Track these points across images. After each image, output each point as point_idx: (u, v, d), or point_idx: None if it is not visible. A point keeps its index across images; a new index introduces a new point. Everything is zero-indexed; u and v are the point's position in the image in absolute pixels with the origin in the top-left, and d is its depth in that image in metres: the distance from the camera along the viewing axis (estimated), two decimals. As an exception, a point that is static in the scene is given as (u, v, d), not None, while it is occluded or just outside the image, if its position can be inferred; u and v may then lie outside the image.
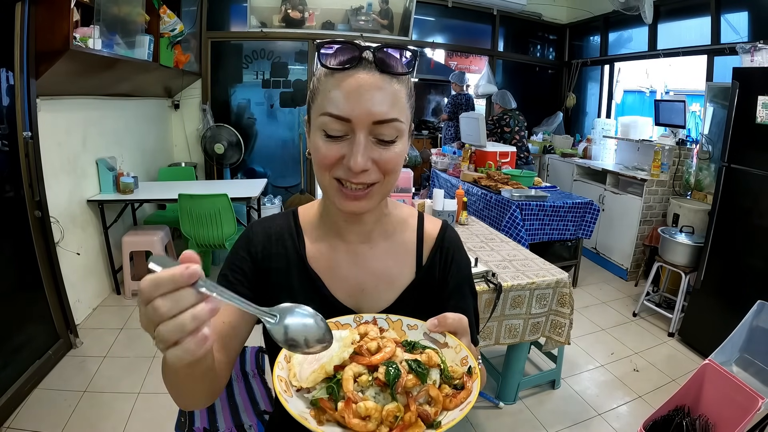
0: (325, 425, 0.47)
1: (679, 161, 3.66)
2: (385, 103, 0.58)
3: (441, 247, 0.77)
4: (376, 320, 0.61)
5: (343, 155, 0.59)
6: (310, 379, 0.50)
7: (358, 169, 0.58)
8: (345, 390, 0.48)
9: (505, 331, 1.91)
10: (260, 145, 4.83)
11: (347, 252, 0.73)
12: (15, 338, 2.08)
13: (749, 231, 2.44)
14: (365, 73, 0.58)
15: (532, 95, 5.77)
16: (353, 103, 0.57)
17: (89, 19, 2.39)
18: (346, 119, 0.57)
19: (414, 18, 4.64)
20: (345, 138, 0.59)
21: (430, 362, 0.52)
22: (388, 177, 0.62)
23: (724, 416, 1.63)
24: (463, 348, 0.55)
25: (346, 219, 0.71)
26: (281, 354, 0.53)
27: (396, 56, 0.60)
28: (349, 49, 0.59)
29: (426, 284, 0.75)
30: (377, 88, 0.58)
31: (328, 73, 0.60)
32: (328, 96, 0.59)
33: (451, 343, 0.57)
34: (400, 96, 0.60)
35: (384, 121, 0.58)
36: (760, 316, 1.85)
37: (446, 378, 0.52)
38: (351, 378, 0.49)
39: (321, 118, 0.59)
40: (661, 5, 4.10)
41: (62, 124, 2.59)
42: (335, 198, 0.63)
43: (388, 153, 0.60)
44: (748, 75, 2.44)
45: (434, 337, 0.58)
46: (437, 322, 0.56)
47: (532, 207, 3.13)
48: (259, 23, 4.36)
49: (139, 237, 3.05)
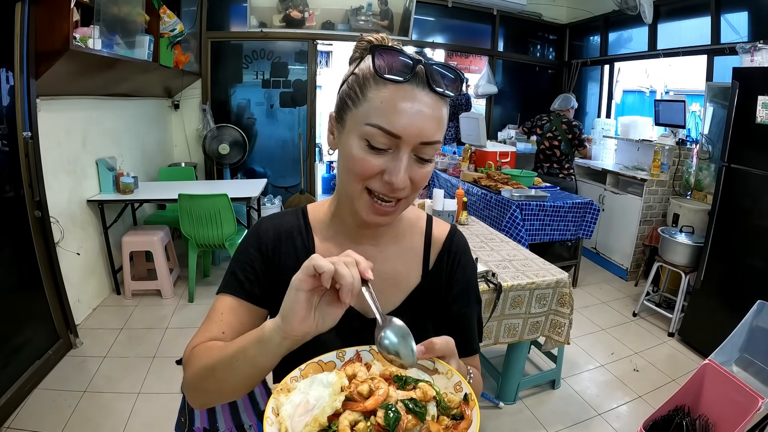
0: None
1: (679, 161, 3.66)
2: (433, 126, 0.59)
3: (449, 251, 0.76)
4: (359, 354, 0.59)
5: (383, 169, 0.59)
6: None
7: (401, 186, 0.59)
8: None
9: (505, 330, 1.91)
10: (260, 145, 4.83)
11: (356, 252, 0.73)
12: (15, 338, 2.08)
13: (749, 231, 2.44)
14: (419, 90, 0.58)
15: (532, 95, 5.77)
16: (406, 121, 0.57)
17: (89, 19, 2.39)
18: (397, 136, 0.57)
19: (414, 18, 4.64)
20: (388, 152, 0.59)
21: (425, 397, 0.51)
22: (415, 193, 0.64)
23: (724, 416, 1.63)
24: (455, 374, 0.54)
25: (360, 224, 0.70)
26: (268, 408, 0.51)
27: (446, 75, 0.60)
28: (405, 60, 0.58)
29: (432, 288, 0.75)
30: (430, 109, 0.58)
31: (380, 82, 0.58)
32: (378, 107, 0.58)
33: (441, 369, 0.56)
34: (444, 118, 0.61)
35: (430, 143, 0.59)
36: (760, 316, 1.85)
37: (443, 409, 0.51)
38: (348, 427, 0.47)
39: (367, 128, 0.58)
40: (661, 5, 4.10)
41: (62, 124, 2.59)
42: (363, 209, 0.63)
43: (423, 171, 0.61)
44: (748, 75, 2.44)
45: (423, 363, 0.57)
46: (424, 349, 0.56)
47: (532, 207, 3.13)
48: (259, 23, 4.36)
49: (139, 237, 3.05)
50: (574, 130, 3.81)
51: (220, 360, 0.59)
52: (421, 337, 0.57)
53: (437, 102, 0.59)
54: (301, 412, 0.49)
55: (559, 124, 3.86)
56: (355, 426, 0.47)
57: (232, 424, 1.28)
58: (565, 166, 3.97)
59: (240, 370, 0.56)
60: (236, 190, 3.20)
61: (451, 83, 0.60)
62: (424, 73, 0.58)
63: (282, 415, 0.49)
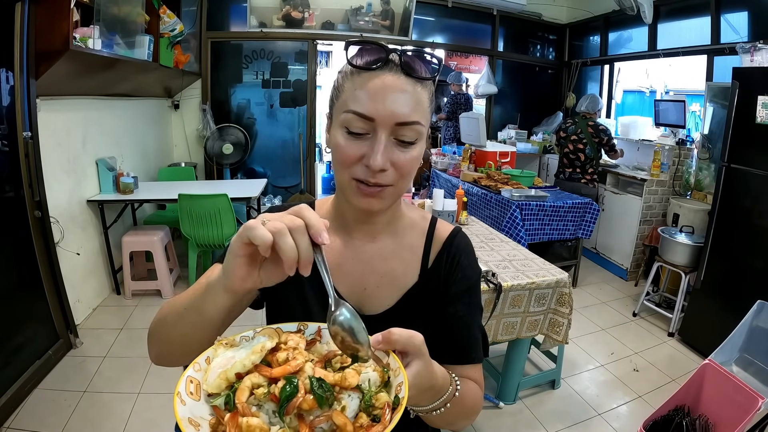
0: None
1: (679, 161, 3.66)
2: (408, 106, 0.59)
3: (448, 251, 0.75)
4: (320, 331, 0.55)
5: (363, 154, 0.60)
6: (214, 384, 0.46)
7: (377, 168, 0.59)
8: (237, 401, 0.44)
9: (503, 328, 1.91)
10: (260, 145, 4.83)
11: (353, 248, 0.73)
12: (15, 338, 2.08)
13: (749, 231, 2.44)
14: (391, 75, 0.59)
15: (532, 95, 5.78)
16: (378, 102, 0.58)
17: (89, 19, 2.39)
18: (370, 118, 0.58)
19: (414, 18, 4.64)
20: (366, 137, 0.60)
21: (344, 384, 0.46)
22: (403, 180, 0.63)
23: (724, 416, 1.63)
24: (402, 373, 0.47)
25: (357, 218, 0.71)
26: (201, 356, 0.49)
27: (421, 61, 0.61)
28: (376, 50, 0.60)
29: (429, 288, 0.74)
30: (402, 91, 0.59)
31: (354, 72, 0.61)
32: (353, 94, 0.60)
33: (392, 365, 0.49)
34: (423, 100, 0.62)
35: (406, 123, 0.59)
36: (760, 316, 1.85)
37: (366, 405, 0.46)
38: (247, 389, 0.45)
39: (344, 115, 0.60)
40: (661, 5, 4.10)
41: (62, 124, 2.59)
42: (351, 195, 0.64)
43: (406, 156, 0.61)
44: (748, 75, 2.44)
45: (378, 356, 0.51)
46: (381, 338, 0.50)
47: (532, 207, 3.13)
48: (259, 23, 4.36)
49: (139, 237, 3.05)
50: (601, 134, 3.56)
51: (172, 307, 0.60)
52: None
53: (413, 84, 0.60)
54: (222, 365, 0.48)
55: (585, 126, 3.62)
56: (256, 390, 0.45)
57: (232, 424, 1.27)
58: (588, 171, 3.70)
59: (187, 318, 0.56)
60: (236, 190, 3.20)
61: (427, 67, 0.62)
62: (399, 60, 0.60)
63: (211, 366, 0.48)
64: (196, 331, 0.56)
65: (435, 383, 0.56)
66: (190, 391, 0.45)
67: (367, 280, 0.73)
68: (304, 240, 0.45)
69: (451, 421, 0.66)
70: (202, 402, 0.45)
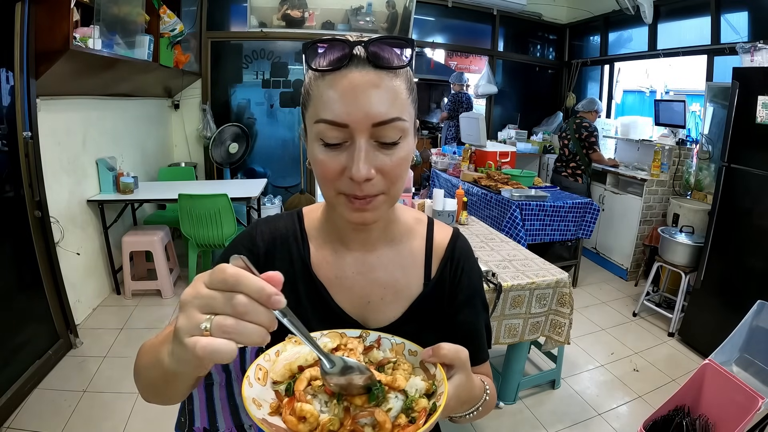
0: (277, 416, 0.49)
1: (679, 161, 3.66)
2: (384, 103, 0.52)
3: (451, 259, 0.72)
4: (380, 339, 0.60)
5: (345, 166, 0.54)
6: (280, 373, 0.52)
7: (361, 179, 0.52)
8: (296, 389, 0.50)
9: (505, 330, 1.91)
10: (260, 145, 4.83)
11: (352, 261, 0.69)
12: (15, 338, 2.08)
13: (749, 231, 2.44)
14: (358, 71, 0.52)
15: (532, 95, 5.78)
16: (349, 106, 0.52)
17: (89, 19, 2.39)
18: (343, 125, 0.52)
19: (414, 18, 4.63)
20: (344, 146, 0.54)
21: (393, 384, 0.51)
22: (394, 185, 0.57)
23: (724, 416, 1.63)
24: (444, 384, 0.51)
25: (352, 227, 0.67)
26: (272, 349, 0.54)
27: (390, 48, 0.55)
28: (338, 47, 0.53)
29: (435, 298, 0.71)
30: (374, 87, 0.52)
31: (318, 76, 0.54)
32: (320, 101, 0.53)
33: (437, 377, 0.53)
34: (400, 92, 0.54)
35: (385, 122, 0.53)
36: (760, 316, 1.85)
37: (406, 407, 0.50)
38: (306, 380, 0.51)
39: (316, 126, 0.54)
40: (661, 5, 4.10)
41: (62, 124, 2.59)
42: (342, 210, 0.59)
43: (393, 158, 0.55)
44: (748, 75, 2.44)
45: (428, 367, 0.56)
46: (431, 352, 0.53)
47: (532, 207, 3.13)
48: (259, 23, 4.36)
49: (139, 237, 3.05)
50: (582, 130, 3.77)
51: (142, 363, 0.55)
52: None
53: (386, 76, 0.53)
54: (288, 358, 0.54)
55: (572, 123, 3.86)
56: (313, 381, 0.51)
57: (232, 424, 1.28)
58: (570, 165, 3.91)
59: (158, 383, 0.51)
60: (236, 190, 3.20)
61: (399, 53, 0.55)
62: (364, 52, 0.53)
63: (279, 358, 0.54)
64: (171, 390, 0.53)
65: (473, 395, 0.58)
66: (258, 377, 0.51)
67: (369, 293, 0.69)
68: (262, 317, 0.38)
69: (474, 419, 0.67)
70: (267, 387, 0.51)
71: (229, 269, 0.38)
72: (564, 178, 3.93)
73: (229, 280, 0.37)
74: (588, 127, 3.78)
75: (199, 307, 0.38)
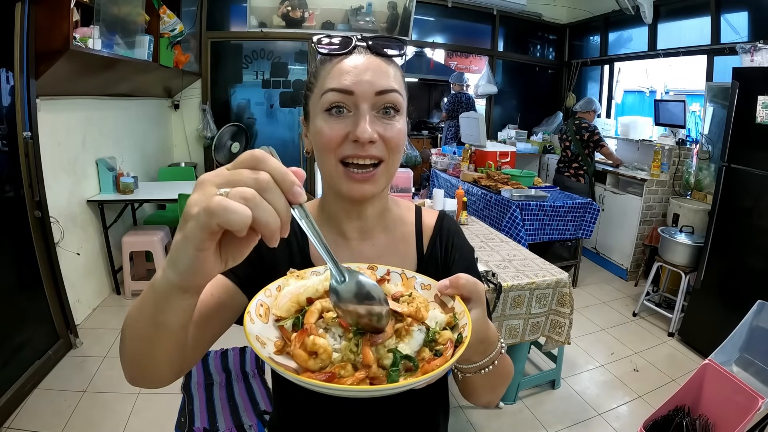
0: (282, 356, 0.44)
1: (679, 161, 3.67)
2: (384, 78, 0.61)
3: (440, 235, 0.77)
4: (389, 272, 0.57)
5: (348, 131, 0.60)
6: (285, 308, 0.48)
7: (366, 138, 0.58)
8: (306, 322, 0.46)
9: (506, 331, 1.91)
10: (260, 145, 4.82)
11: (349, 250, 0.72)
12: (15, 338, 2.08)
13: (749, 231, 2.44)
14: (362, 56, 0.63)
15: (532, 95, 5.78)
16: (354, 76, 0.60)
17: (89, 19, 2.39)
18: (350, 91, 0.60)
19: (414, 18, 4.64)
20: (348, 115, 0.61)
21: (417, 315, 0.47)
22: (392, 156, 0.63)
23: (724, 416, 1.63)
24: (466, 315, 0.48)
25: (349, 214, 0.71)
26: (273, 284, 0.51)
27: (386, 40, 0.65)
28: (344, 38, 0.63)
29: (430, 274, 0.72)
30: (375, 66, 0.62)
31: (326, 60, 0.64)
32: (329, 76, 0.62)
33: (457, 309, 0.50)
34: (397, 74, 0.64)
35: (386, 91, 0.61)
36: (760, 316, 1.85)
37: (429, 340, 0.46)
38: (317, 312, 0.46)
39: (324, 97, 0.61)
40: (661, 5, 4.10)
41: (62, 124, 2.59)
42: (341, 183, 0.63)
43: (393, 126, 0.62)
44: (748, 75, 2.44)
45: (444, 301, 0.52)
46: (448, 283, 0.51)
47: (532, 207, 3.13)
48: (259, 23, 4.36)
49: (139, 237, 3.05)
50: (582, 131, 3.78)
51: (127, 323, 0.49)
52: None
53: (384, 62, 0.63)
54: (293, 291, 0.50)
55: (572, 124, 3.89)
56: (325, 314, 0.46)
57: (232, 424, 1.28)
58: (572, 166, 3.92)
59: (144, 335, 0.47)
60: (236, 190, 3.20)
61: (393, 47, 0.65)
62: (366, 44, 0.64)
63: (281, 292, 0.50)
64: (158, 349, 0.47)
65: (489, 334, 0.57)
66: (259, 314, 0.47)
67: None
68: (281, 202, 0.37)
69: (494, 384, 0.65)
70: (269, 325, 0.47)
71: (257, 151, 0.38)
72: (566, 178, 3.94)
73: (257, 156, 0.37)
74: (588, 128, 3.79)
75: (218, 184, 0.36)
